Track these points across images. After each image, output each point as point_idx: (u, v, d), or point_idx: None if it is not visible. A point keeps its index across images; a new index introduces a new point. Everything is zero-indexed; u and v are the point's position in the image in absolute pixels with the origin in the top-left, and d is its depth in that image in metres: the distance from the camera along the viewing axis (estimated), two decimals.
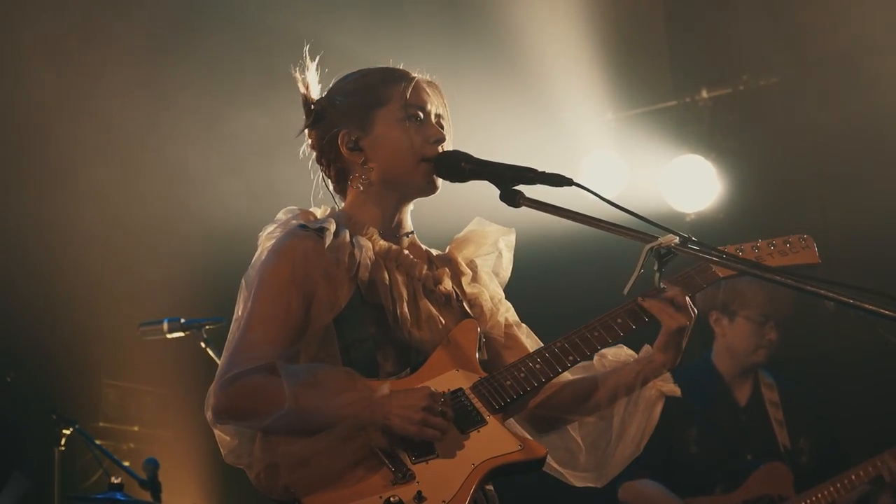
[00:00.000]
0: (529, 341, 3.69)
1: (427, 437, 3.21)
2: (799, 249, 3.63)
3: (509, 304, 3.75)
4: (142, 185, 8.31)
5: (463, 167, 3.44)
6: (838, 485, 5.91)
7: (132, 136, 8.23)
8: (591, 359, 3.55)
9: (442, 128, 3.57)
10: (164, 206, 8.33)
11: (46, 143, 8.04)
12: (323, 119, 3.61)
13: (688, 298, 3.47)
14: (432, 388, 3.28)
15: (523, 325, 3.74)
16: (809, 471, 6.13)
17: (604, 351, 3.57)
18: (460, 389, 3.38)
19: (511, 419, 3.53)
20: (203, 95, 8.09)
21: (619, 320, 3.49)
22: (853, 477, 5.92)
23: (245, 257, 3.60)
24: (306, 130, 3.67)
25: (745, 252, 3.61)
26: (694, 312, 3.47)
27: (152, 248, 8.29)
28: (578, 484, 3.70)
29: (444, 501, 3.17)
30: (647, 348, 3.55)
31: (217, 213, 7.89)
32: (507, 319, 3.70)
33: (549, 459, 3.56)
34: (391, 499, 3.14)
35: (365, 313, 3.41)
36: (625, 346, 3.61)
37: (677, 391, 3.57)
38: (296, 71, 3.64)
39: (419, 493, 3.16)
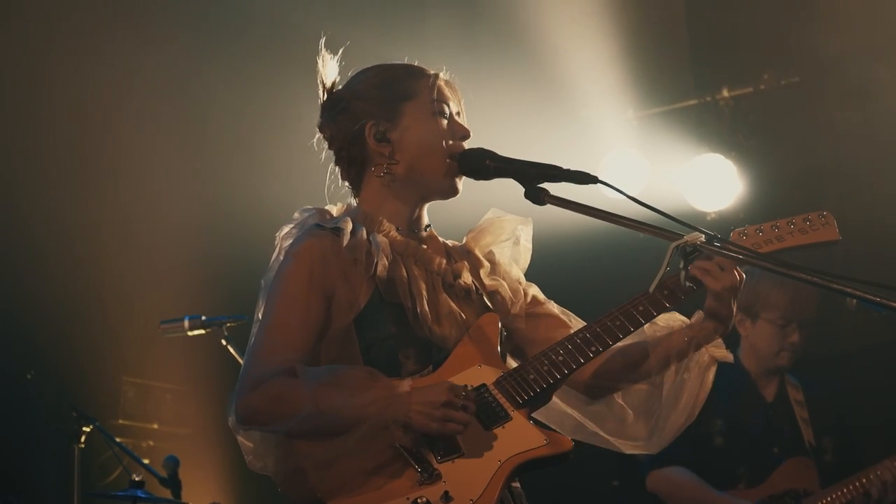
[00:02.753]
0: (561, 315, 3.68)
1: (449, 433, 3.18)
2: (819, 227, 3.56)
3: (534, 285, 3.73)
4: (163, 182, 8.33)
5: (487, 165, 3.42)
6: (864, 480, 5.89)
7: (155, 135, 8.25)
8: (612, 347, 3.49)
9: None
10: (186, 204, 8.34)
11: (69, 142, 8.05)
12: (346, 111, 3.57)
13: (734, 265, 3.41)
14: (452, 382, 3.25)
15: (551, 301, 3.73)
16: (833, 469, 6.09)
17: (655, 318, 3.51)
18: (483, 385, 3.36)
19: (556, 397, 3.53)
20: (222, 94, 8.10)
21: (641, 308, 3.45)
22: (878, 472, 5.89)
23: (267, 254, 3.59)
24: (323, 122, 3.64)
25: (765, 232, 3.56)
26: (741, 275, 3.43)
27: (173, 246, 8.29)
28: (629, 451, 3.66)
29: (471, 500, 3.15)
30: (699, 314, 3.51)
31: (239, 209, 7.89)
32: (534, 298, 3.68)
33: (599, 431, 3.59)
34: (418, 500, 3.13)
35: (385, 312, 3.39)
36: (677, 313, 3.57)
37: (730, 356, 3.55)
38: (317, 62, 3.61)
39: (446, 493, 3.15)
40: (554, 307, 3.71)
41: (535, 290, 3.73)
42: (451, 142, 3.49)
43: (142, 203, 8.29)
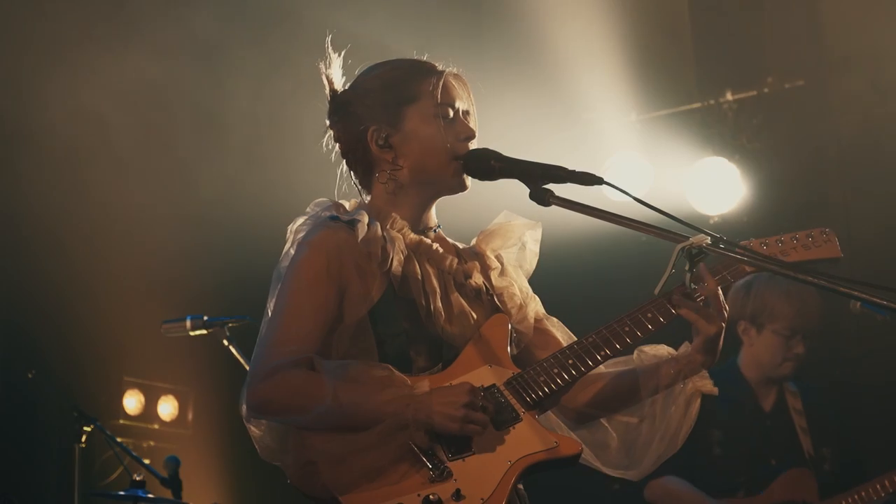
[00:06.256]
0: (560, 333, 3.67)
1: (469, 433, 3.21)
2: (821, 243, 3.59)
3: (537, 297, 3.72)
4: (164, 181, 8.32)
5: (493, 165, 3.41)
6: (863, 493, 5.86)
7: (156, 132, 8.24)
8: (622, 353, 3.51)
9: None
10: (188, 203, 8.34)
11: (68, 141, 8.04)
12: (350, 114, 3.56)
13: (722, 299, 3.43)
14: (471, 384, 3.27)
15: (553, 317, 3.72)
16: (832, 479, 6.07)
17: (643, 347, 3.55)
18: (493, 385, 3.36)
19: (547, 413, 3.52)
20: (226, 93, 8.10)
21: (650, 315, 3.45)
22: (878, 486, 5.86)
23: (270, 254, 3.59)
24: (330, 123, 3.63)
25: (770, 246, 3.58)
26: (727, 311, 3.44)
27: (176, 246, 8.29)
28: (612, 474, 3.67)
29: (482, 499, 3.17)
30: (686, 345, 3.52)
31: (241, 209, 7.89)
32: (536, 313, 3.68)
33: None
34: (430, 496, 3.15)
35: (398, 308, 3.40)
36: (664, 345, 3.58)
37: (715, 390, 3.57)
38: (321, 64, 3.60)
39: (458, 490, 3.17)
40: (554, 327, 3.70)
41: (538, 306, 3.72)
42: (455, 144, 3.47)
43: (144, 202, 8.29)
